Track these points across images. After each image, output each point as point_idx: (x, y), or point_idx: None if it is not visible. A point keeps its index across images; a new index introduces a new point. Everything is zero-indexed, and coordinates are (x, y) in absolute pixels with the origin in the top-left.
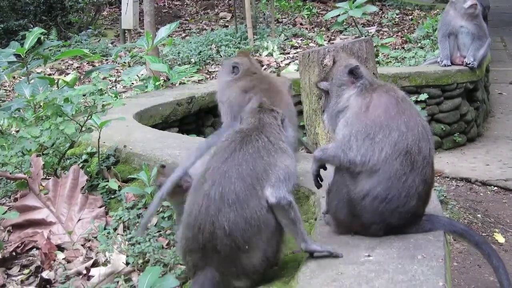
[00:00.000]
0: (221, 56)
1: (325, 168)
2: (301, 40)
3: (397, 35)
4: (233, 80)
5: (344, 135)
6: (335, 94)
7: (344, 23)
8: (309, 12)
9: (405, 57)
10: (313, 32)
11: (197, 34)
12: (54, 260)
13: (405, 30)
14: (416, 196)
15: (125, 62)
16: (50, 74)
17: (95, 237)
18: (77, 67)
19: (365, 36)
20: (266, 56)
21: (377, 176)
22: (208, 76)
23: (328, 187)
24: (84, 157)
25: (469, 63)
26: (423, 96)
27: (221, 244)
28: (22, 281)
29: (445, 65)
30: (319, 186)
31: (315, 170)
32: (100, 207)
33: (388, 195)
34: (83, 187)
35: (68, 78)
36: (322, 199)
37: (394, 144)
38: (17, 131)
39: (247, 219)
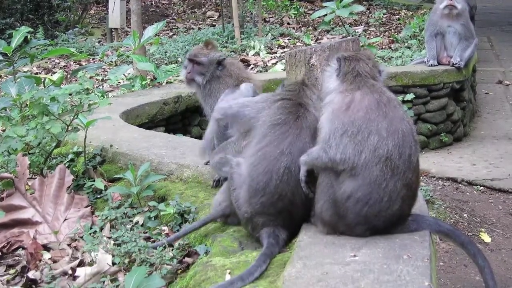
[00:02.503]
0: None
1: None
2: (288, 39)
3: (384, 35)
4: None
5: (324, 134)
6: (325, 76)
7: (331, 23)
8: (296, 12)
9: (392, 57)
10: (300, 32)
11: (184, 33)
12: (40, 260)
13: (392, 30)
14: (399, 200)
15: (111, 61)
16: (37, 73)
17: (81, 237)
18: (64, 66)
19: (352, 36)
20: (253, 55)
21: (357, 180)
22: None
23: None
24: (70, 156)
25: (456, 63)
26: (410, 96)
27: (297, 211)
28: (8, 281)
29: (431, 65)
30: (309, 192)
31: (303, 175)
32: (86, 206)
33: (369, 200)
34: (69, 186)
35: (55, 77)
36: None
37: (374, 149)
38: (3, 131)
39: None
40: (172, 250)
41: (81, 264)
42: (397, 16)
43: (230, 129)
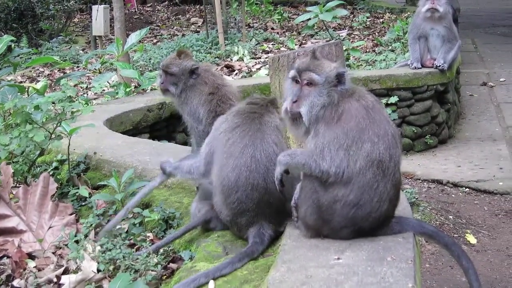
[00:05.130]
0: None
1: (287, 173)
2: (272, 44)
3: (368, 38)
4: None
5: (316, 145)
6: (323, 90)
7: (315, 27)
8: (280, 17)
9: (375, 60)
10: (284, 37)
11: (168, 40)
12: (25, 269)
13: (376, 33)
14: (388, 200)
15: (95, 69)
16: (21, 82)
17: (66, 245)
18: (48, 75)
19: (336, 40)
20: (237, 61)
21: (350, 186)
22: None
23: (297, 193)
24: (54, 164)
25: (439, 66)
26: (394, 99)
27: (273, 197)
28: None
29: (415, 68)
30: (281, 190)
31: (280, 174)
32: (71, 214)
33: (360, 202)
34: (53, 194)
35: (39, 86)
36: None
37: (367, 155)
38: None
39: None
40: (157, 256)
41: (66, 271)
42: (381, 20)
43: None
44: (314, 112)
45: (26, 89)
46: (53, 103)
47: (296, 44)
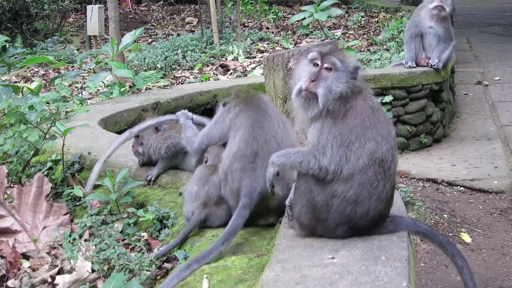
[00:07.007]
0: (187, 61)
1: (278, 174)
2: (267, 44)
3: (362, 38)
4: None
5: (319, 140)
6: (342, 78)
7: (310, 26)
8: (275, 16)
9: (370, 59)
10: (279, 36)
11: (163, 40)
12: (19, 269)
13: (371, 33)
14: (385, 200)
15: (90, 69)
16: (15, 82)
17: (60, 245)
18: (42, 75)
19: (331, 39)
20: (232, 60)
21: (350, 182)
22: (174, 81)
23: (292, 192)
24: (48, 164)
25: (434, 65)
26: (389, 98)
27: (271, 151)
28: None
29: (410, 67)
30: (273, 192)
31: (271, 175)
32: (65, 214)
33: (358, 198)
34: (47, 194)
35: (33, 86)
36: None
37: (370, 153)
38: None
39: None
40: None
41: (61, 271)
42: (376, 19)
43: None
44: (330, 97)
45: (21, 89)
46: (48, 103)
47: (291, 44)
